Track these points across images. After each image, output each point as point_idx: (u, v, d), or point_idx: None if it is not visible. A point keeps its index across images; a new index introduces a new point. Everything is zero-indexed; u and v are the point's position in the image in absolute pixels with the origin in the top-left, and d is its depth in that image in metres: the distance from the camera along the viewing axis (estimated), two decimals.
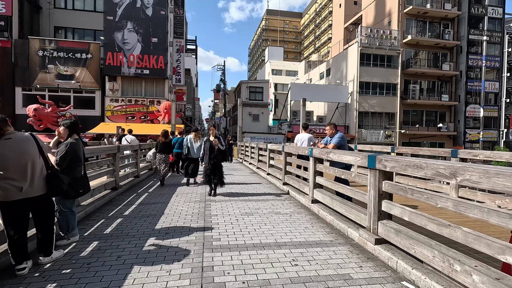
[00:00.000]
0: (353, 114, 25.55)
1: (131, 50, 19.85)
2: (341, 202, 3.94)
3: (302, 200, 5.32)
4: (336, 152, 4.04)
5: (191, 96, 42.96)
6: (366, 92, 25.53)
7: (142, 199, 5.48)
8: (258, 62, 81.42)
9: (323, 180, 4.65)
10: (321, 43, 62.18)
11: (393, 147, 7.41)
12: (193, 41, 55.78)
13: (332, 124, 4.89)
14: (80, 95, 19.77)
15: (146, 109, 20.36)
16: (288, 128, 25.12)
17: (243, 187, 7.10)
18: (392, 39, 25.60)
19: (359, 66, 24.92)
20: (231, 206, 5.02)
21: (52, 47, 18.99)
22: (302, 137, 7.48)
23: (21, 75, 18.71)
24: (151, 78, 20.48)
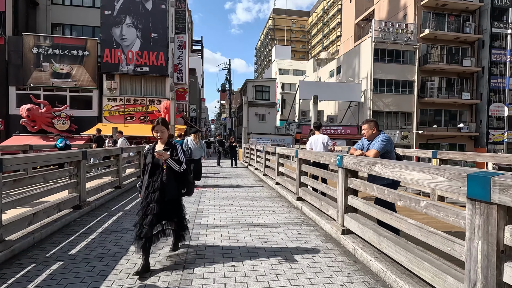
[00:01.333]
0: (366, 114, 23.88)
1: (129, 46, 18.70)
2: (397, 244, 2.48)
3: (326, 227, 3.86)
4: (389, 163, 2.58)
5: (197, 97, 41.86)
6: (381, 90, 23.84)
7: (110, 223, 4.10)
8: (264, 62, 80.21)
9: (360, 203, 3.19)
10: (330, 42, 60.59)
11: (434, 151, 5.89)
12: (199, 41, 54.96)
13: (371, 121, 3.43)
14: (76, 94, 18.69)
15: (146, 109, 19.17)
16: (296, 129, 23.61)
17: (246, 202, 5.67)
18: (408, 33, 23.88)
19: (373, 63, 23.27)
20: (227, 237, 3.60)
21: (47, 43, 17.97)
22: (316, 140, 6.04)
23: (14, 73, 17.73)
24: (151, 76, 19.29)
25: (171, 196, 2.77)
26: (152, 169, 2.79)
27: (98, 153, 5.78)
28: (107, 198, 5.36)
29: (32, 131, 17.50)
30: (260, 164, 10.21)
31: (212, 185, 8.01)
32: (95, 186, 5.24)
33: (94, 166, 6.17)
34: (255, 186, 7.66)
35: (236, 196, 6.22)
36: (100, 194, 5.33)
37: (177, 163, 2.75)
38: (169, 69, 19.20)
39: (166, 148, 2.84)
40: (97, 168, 6.95)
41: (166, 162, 2.72)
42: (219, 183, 8.06)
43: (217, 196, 6.10)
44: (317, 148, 6.04)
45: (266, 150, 8.81)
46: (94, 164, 6.27)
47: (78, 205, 4.38)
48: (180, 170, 2.77)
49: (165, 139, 2.88)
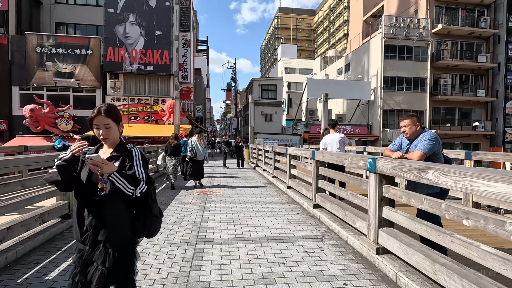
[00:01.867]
0: (376, 112, 23.09)
1: (133, 44, 18.30)
2: (464, 277, 1.87)
3: (354, 243, 3.25)
4: (450, 169, 1.97)
5: (202, 97, 41.51)
6: (391, 88, 23.02)
7: None
8: (270, 61, 79.64)
9: (402, 217, 2.58)
10: (336, 40, 59.79)
11: (468, 152, 5.22)
12: (204, 41, 54.68)
13: (413, 116, 2.79)
14: (80, 94, 18.38)
15: (150, 108, 18.75)
16: (304, 128, 22.94)
17: (256, 209, 5.10)
18: (420, 29, 22.99)
19: (384, 59, 22.45)
20: (236, 255, 3.02)
21: (50, 43, 17.68)
22: (332, 139, 5.44)
23: (18, 73, 17.48)
24: (155, 75, 18.86)
25: (114, 241, 1.52)
26: (89, 190, 1.54)
27: None
28: None
29: (35, 131, 17.23)
30: (268, 165, 9.62)
31: (218, 186, 7.46)
32: None
33: None
34: (265, 190, 7.07)
35: (245, 202, 5.65)
36: None
37: (129, 183, 1.48)
38: (173, 67, 18.75)
39: (115, 155, 1.62)
40: None
41: (110, 178, 1.45)
42: (226, 186, 7.50)
43: (224, 202, 5.54)
44: (333, 148, 5.43)
45: (275, 150, 8.21)
46: None
47: (67, 214, 3.85)
48: (135, 194, 1.50)
49: (114, 139, 1.68)
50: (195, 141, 7.16)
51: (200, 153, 7.10)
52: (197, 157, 7.11)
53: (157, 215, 1.67)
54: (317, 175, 4.70)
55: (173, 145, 7.23)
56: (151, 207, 1.62)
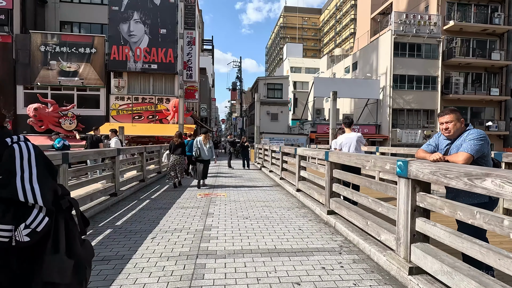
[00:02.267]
0: (385, 112, 22.47)
1: (137, 43, 18.05)
2: None
3: (379, 259, 2.81)
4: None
5: (207, 96, 41.25)
6: (401, 87, 22.37)
7: (94, 245, 3.19)
8: (275, 61, 79.19)
9: (443, 233, 2.14)
10: (343, 39, 59.14)
11: (498, 153, 4.71)
12: (210, 41, 54.37)
13: (456, 112, 2.32)
14: (83, 93, 18.18)
15: (154, 107, 18.47)
16: (311, 128, 22.45)
17: (264, 215, 4.68)
18: (431, 26, 22.30)
19: (393, 57, 21.83)
20: (243, 273, 2.61)
21: (54, 41, 17.52)
22: (349, 139, 5.00)
23: (22, 72, 17.36)
24: (160, 74, 18.58)
25: None
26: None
27: (86, 155, 4.92)
28: (97, 209, 4.46)
29: (39, 131, 17.09)
30: (275, 166, 9.20)
31: (222, 187, 7.06)
32: (83, 194, 4.36)
33: (82, 170, 5.33)
34: (272, 192, 6.65)
35: (251, 206, 5.24)
36: (90, 204, 4.44)
37: None
38: (178, 66, 18.45)
39: None
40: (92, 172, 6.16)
41: None
42: (231, 188, 7.10)
43: (229, 207, 5.14)
44: (350, 148, 4.99)
45: (283, 151, 7.78)
46: (82, 168, 5.43)
47: (114, 193, 3.53)
48: (19, 238, 0.78)
49: None
50: (200, 141, 7.20)
51: (204, 153, 7.13)
52: (201, 157, 7.15)
53: (65, 268, 0.85)
54: (332, 178, 4.26)
55: (177, 144, 7.29)
56: (50, 260, 0.82)
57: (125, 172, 6.83)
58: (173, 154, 7.23)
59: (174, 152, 7.24)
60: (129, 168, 7.25)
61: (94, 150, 6.01)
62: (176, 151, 7.24)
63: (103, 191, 4.73)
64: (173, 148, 7.28)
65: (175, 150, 7.24)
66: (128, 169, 7.02)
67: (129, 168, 7.32)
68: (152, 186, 7.38)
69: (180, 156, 7.23)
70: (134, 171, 7.31)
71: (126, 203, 5.29)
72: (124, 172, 6.57)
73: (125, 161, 7.04)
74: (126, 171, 6.88)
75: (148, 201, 5.44)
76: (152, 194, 6.30)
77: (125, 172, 6.77)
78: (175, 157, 7.18)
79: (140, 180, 7.30)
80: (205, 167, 7.20)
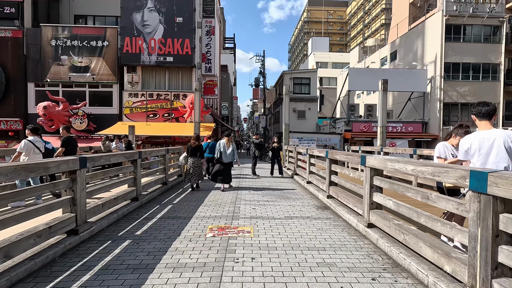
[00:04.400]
0: (434, 107, 19.18)
1: (152, 33, 16.38)
2: None
3: None
4: None
5: (229, 95, 39.55)
6: (454, 77, 18.98)
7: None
8: (299, 57, 76.37)
9: None
10: (372, 31, 55.12)
11: None
12: (231, 39, 52.77)
13: None
14: (96, 90, 16.83)
15: (170, 104, 16.73)
16: (345, 126, 19.69)
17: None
18: (491, 3, 18.70)
19: (444, 42, 18.51)
20: None
21: (65, 35, 16.31)
22: (491, 140, 2.49)
23: (33, 69, 16.31)
24: (176, 67, 16.81)
25: None
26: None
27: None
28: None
29: (49, 130, 15.92)
30: (318, 178, 6.82)
31: (246, 213, 4.81)
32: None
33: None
34: (324, 225, 4.28)
35: (300, 262, 2.93)
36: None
37: None
38: (196, 58, 16.55)
39: None
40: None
41: None
42: (258, 212, 4.86)
43: (259, 264, 2.87)
44: (498, 157, 2.57)
45: (333, 157, 5.41)
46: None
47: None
48: None
49: None
50: (223, 144, 7.11)
51: (226, 156, 7.05)
52: (222, 160, 7.04)
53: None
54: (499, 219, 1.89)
55: (194, 146, 7.18)
56: None
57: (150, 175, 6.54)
58: (191, 156, 7.15)
59: (191, 155, 7.14)
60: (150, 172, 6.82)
61: (119, 153, 5.74)
62: (194, 153, 7.14)
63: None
64: (191, 151, 7.18)
65: (193, 153, 7.15)
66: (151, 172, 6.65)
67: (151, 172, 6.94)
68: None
69: (197, 159, 7.16)
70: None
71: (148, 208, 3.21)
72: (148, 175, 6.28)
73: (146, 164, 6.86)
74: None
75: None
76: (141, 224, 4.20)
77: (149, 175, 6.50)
78: (193, 159, 7.10)
79: (163, 183, 6.76)
80: (227, 170, 7.06)
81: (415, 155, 7.66)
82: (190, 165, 7.08)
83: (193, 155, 7.12)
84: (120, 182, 4.77)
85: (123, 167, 5.46)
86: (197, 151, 7.17)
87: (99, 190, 4.09)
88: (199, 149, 7.21)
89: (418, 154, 7.66)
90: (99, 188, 4.11)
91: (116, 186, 4.57)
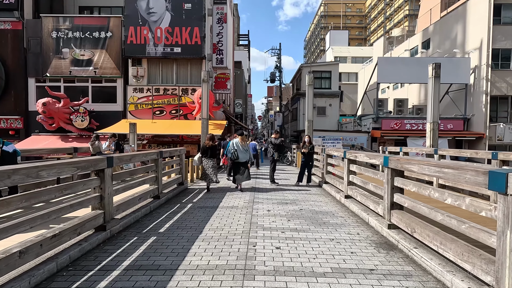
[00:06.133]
0: (479, 100, 16.62)
1: (158, 22, 14.87)
2: None
3: None
4: None
5: (243, 92, 37.95)
6: (504, 65, 16.33)
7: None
8: (315, 53, 73.84)
9: None
10: (395, 23, 51.91)
11: None
12: (246, 35, 51.13)
13: None
14: (99, 85, 15.54)
15: (178, 100, 15.19)
16: (373, 123, 17.46)
17: None
18: None
19: (492, 25, 15.90)
20: None
21: (67, 26, 15.09)
22: None
23: (34, 63, 15.21)
24: (184, 59, 15.24)
25: None
26: None
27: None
28: None
29: (50, 129, 14.78)
30: (365, 193, 4.93)
31: (266, 241, 3.03)
32: None
33: None
34: (386, 282, 2.41)
35: None
36: None
37: None
38: (206, 49, 14.91)
39: None
40: None
41: None
42: (286, 266, 2.99)
43: None
44: None
45: (401, 167, 3.50)
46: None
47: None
48: None
49: None
50: (237, 143, 7.08)
51: (242, 155, 7.00)
52: (239, 160, 7.02)
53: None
54: None
55: (208, 146, 7.08)
56: None
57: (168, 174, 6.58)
58: (205, 157, 7.09)
59: (205, 156, 7.09)
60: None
61: (141, 153, 5.52)
62: (208, 154, 7.08)
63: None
64: (204, 151, 7.13)
65: (207, 153, 7.08)
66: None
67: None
68: None
69: (212, 159, 7.11)
70: None
71: None
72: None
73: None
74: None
75: None
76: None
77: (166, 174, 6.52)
78: (207, 160, 7.07)
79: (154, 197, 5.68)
80: (244, 169, 7.04)
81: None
82: (205, 165, 7.03)
83: (206, 155, 7.05)
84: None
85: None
86: (211, 151, 7.05)
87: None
88: (213, 150, 7.10)
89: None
90: None
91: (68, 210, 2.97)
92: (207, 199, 5.84)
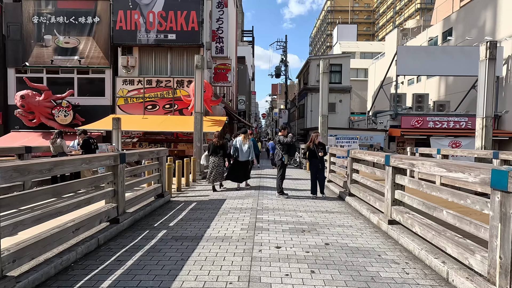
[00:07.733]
0: (511, 95, 14.69)
1: (150, 5, 13.22)
2: None
3: None
4: None
5: (246, 89, 36.27)
6: None
7: None
8: (322, 49, 71.85)
9: None
10: (405, 18, 49.72)
11: None
12: (250, 31, 49.33)
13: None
14: (85, 76, 13.97)
15: (173, 93, 13.55)
16: (391, 121, 15.61)
17: None
18: None
19: None
20: None
21: (49, 10, 13.52)
22: None
23: (13, 51, 13.68)
24: (179, 47, 13.59)
25: None
26: None
27: None
28: None
29: (30, 125, 13.26)
30: (424, 221, 3.19)
31: None
32: None
33: None
34: None
35: None
36: None
37: None
38: (204, 36, 13.22)
39: None
40: None
41: None
42: None
43: None
44: None
45: None
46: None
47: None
48: None
49: None
50: (240, 141, 6.97)
51: (243, 154, 6.89)
52: (240, 158, 6.92)
53: None
54: None
55: (217, 145, 6.81)
56: None
57: None
58: (212, 156, 6.86)
59: (213, 154, 6.84)
60: None
61: (148, 150, 5.18)
62: (216, 153, 6.81)
63: None
64: (212, 150, 6.85)
65: (215, 152, 6.82)
66: None
67: None
68: None
69: (219, 158, 6.83)
70: None
71: None
72: None
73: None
74: None
75: None
76: None
77: None
78: (214, 159, 6.82)
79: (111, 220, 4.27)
80: (245, 168, 7.00)
81: None
82: (212, 164, 6.83)
83: (216, 154, 6.84)
84: None
85: None
86: (220, 149, 6.85)
87: None
88: (222, 148, 6.88)
89: None
90: None
91: None
92: (190, 221, 4.13)
